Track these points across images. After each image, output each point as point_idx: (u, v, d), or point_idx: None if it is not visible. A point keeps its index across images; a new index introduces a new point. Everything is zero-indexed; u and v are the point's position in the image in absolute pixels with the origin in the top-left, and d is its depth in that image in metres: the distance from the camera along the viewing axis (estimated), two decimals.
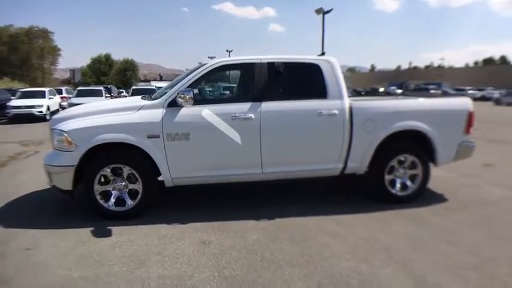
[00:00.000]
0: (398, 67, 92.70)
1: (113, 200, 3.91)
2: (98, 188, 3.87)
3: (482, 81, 43.56)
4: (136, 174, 3.87)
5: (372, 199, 4.45)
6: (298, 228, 3.70)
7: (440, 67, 73.61)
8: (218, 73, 4.14)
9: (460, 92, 31.55)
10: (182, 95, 3.76)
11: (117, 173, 3.90)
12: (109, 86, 21.95)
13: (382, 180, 4.32)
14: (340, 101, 4.16)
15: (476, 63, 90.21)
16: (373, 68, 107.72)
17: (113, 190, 3.92)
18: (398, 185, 4.39)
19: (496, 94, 31.80)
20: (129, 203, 3.91)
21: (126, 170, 3.87)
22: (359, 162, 4.26)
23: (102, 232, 3.61)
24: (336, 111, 4.10)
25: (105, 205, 3.89)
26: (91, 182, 3.83)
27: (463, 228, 3.68)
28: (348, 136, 4.16)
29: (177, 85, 4.00)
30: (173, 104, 3.91)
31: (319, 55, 4.47)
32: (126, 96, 18.50)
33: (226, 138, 3.93)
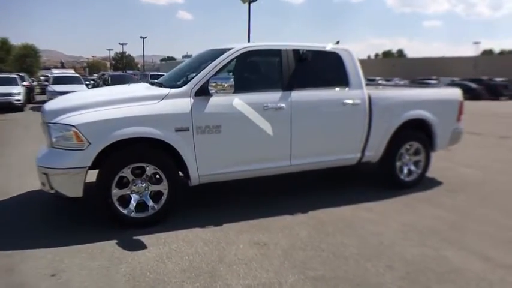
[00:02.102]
0: None
1: (133, 204, 3.34)
2: (116, 193, 3.26)
3: (388, 72, 49.03)
4: (162, 174, 3.35)
5: (376, 184, 4.67)
6: (338, 219, 3.66)
7: None
8: (246, 59, 3.79)
9: (372, 82, 34.92)
10: (217, 83, 3.36)
11: (135, 173, 3.33)
12: (21, 74, 18.74)
13: (393, 167, 4.53)
14: (361, 90, 4.21)
15: (377, 55, 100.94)
16: None
17: (132, 194, 3.35)
18: (405, 171, 4.67)
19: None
20: (152, 206, 3.38)
21: (150, 170, 3.33)
22: (375, 151, 4.39)
23: (132, 244, 3.06)
24: (358, 101, 4.14)
25: (125, 212, 3.30)
26: (108, 185, 3.20)
27: (474, 207, 4.08)
28: (367, 126, 4.25)
29: (203, 72, 3.55)
30: (201, 93, 3.48)
31: (335, 43, 4.40)
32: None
33: (258, 130, 3.66)
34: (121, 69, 61.38)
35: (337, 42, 4.42)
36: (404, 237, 3.27)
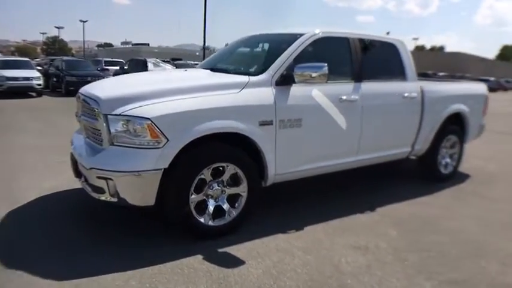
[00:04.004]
0: None
1: (211, 211, 2.84)
2: (194, 199, 2.74)
3: None
4: (242, 174, 2.90)
5: (411, 179, 4.69)
6: (410, 216, 3.54)
7: None
8: (319, 45, 3.41)
9: None
10: (303, 72, 2.97)
11: (213, 174, 2.83)
12: None
13: (435, 161, 4.56)
14: (416, 83, 4.12)
15: None
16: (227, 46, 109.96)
17: (208, 199, 2.85)
18: (443, 165, 4.73)
19: None
20: (230, 212, 2.92)
21: (230, 170, 2.85)
22: (422, 145, 4.36)
23: (224, 258, 2.60)
24: (415, 94, 4.04)
25: (202, 220, 2.80)
26: (186, 190, 2.66)
27: None
28: (419, 119, 4.19)
29: (280, 59, 3.12)
30: (282, 82, 3.07)
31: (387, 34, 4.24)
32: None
33: (334, 123, 3.36)
34: (53, 54, 55.68)
35: (388, 34, 4.26)
36: (491, 232, 3.26)
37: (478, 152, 6.61)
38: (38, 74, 13.40)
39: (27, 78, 12.78)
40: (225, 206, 2.90)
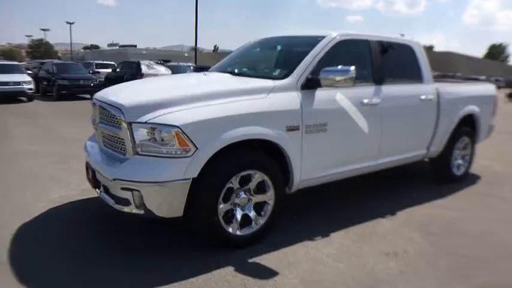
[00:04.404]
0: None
1: (238, 220, 2.74)
2: (222, 208, 2.64)
3: None
4: (269, 181, 2.81)
5: (421, 181, 4.68)
6: (431, 219, 3.51)
7: None
8: (340, 48, 3.34)
9: None
10: (330, 76, 2.90)
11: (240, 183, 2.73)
12: None
13: (449, 162, 4.55)
14: (432, 85, 4.11)
15: None
16: (216, 48, 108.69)
17: (236, 208, 2.75)
18: (456, 166, 4.73)
19: None
20: (257, 220, 2.82)
21: (257, 178, 2.76)
22: (437, 147, 4.34)
23: (256, 269, 2.51)
24: (431, 96, 4.02)
25: (230, 230, 2.70)
26: (215, 199, 2.56)
27: None
28: (435, 121, 4.17)
29: (304, 62, 3.05)
30: (307, 86, 3.00)
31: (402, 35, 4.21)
32: None
33: (357, 127, 3.31)
34: (39, 57, 54.65)
35: (402, 36, 4.24)
36: None
37: (481, 152, 6.68)
38: (29, 78, 13.03)
39: (18, 83, 12.40)
40: (252, 215, 2.81)
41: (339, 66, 2.94)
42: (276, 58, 3.53)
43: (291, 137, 2.85)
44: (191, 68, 18.82)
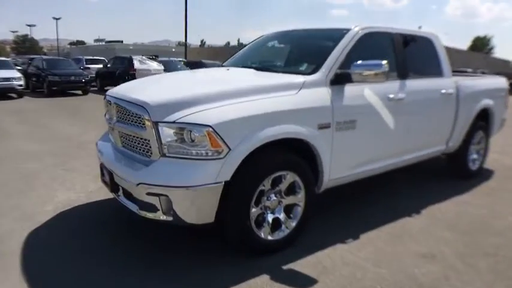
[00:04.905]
0: (227, 43, 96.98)
1: (269, 224, 2.59)
2: (254, 212, 2.48)
3: None
4: (300, 182, 2.67)
5: (434, 176, 4.61)
6: (456, 217, 3.43)
7: None
8: (365, 42, 3.19)
9: None
10: (361, 70, 2.76)
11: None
12: None
13: (466, 157, 4.48)
14: (451, 79, 4.01)
15: None
16: (203, 43, 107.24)
17: (266, 211, 2.60)
18: (471, 161, 4.66)
19: None
20: (288, 224, 2.68)
21: (288, 179, 2.61)
22: (455, 142, 4.26)
23: (294, 277, 2.37)
24: (452, 90, 3.93)
25: (261, 235, 2.55)
26: (247, 203, 2.40)
27: None
28: (455, 116, 4.08)
29: (331, 57, 2.89)
30: (336, 81, 2.85)
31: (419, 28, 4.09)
32: None
33: (384, 124, 3.19)
34: (24, 53, 53.22)
35: (420, 28, 4.12)
36: None
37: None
38: (18, 75, 12.56)
39: (8, 79, 11.93)
40: (282, 218, 2.67)
41: (370, 61, 2.79)
42: (298, 52, 3.37)
43: (322, 135, 2.70)
44: (181, 63, 18.49)
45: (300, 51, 3.37)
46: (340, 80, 2.85)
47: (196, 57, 36.62)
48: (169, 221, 2.31)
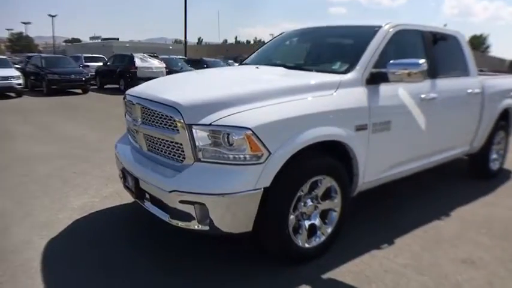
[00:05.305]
0: (225, 41, 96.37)
1: (306, 231, 2.47)
2: (292, 219, 2.35)
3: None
4: (337, 186, 2.55)
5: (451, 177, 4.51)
6: (487, 219, 3.33)
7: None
8: (396, 39, 3.07)
9: None
10: (398, 70, 2.64)
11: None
12: None
13: (488, 158, 4.40)
14: (477, 78, 3.91)
15: None
16: (200, 41, 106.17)
17: (303, 217, 2.47)
18: (492, 160, 4.58)
19: None
20: (324, 229, 2.56)
21: (325, 183, 2.49)
22: (479, 142, 4.17)
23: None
24: (478, 90, 3.83)
25: (300, 243, 2.42)
26: (286, 211, 2.28)
27: None
28: (479, 116, 3.99)
29: (366, 55, 2.77)
30: (372, 81, 2.74)
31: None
32: None
33: (416, 124, 3.08)
34: (19, 51, 52.57)
35: (445, 25, 4.01)
36: None
37: None
38: (17, 73, 12.29)
39: (7, 78, 11.66)
40: (318, 224, 2.55)
41: (407, 59, 2.68)
42: (328, 50, 3.23)
43: (359, 136, 2.59)
44: (182, 61, 18.29)
45: (331, 49, 3.24)
46: (375, 79, 2.73)
47: (195, 55, 36.28)
48: (204, 231, 2.18)
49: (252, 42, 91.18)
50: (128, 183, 2.71)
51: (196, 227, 2.18)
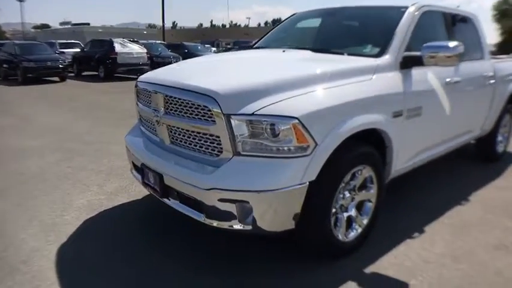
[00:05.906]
0: (200, 25, 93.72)
1: (344, 224, 2.36)
2: (333, 212, 2.23)
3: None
4: (374, 176, 2.44)
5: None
6: (508, 204, 3.33)
7: (246, 26, 79.12)
8: (421, 22, 2.94)
9: None
10: (434, 53, 2.52)
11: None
12: None
13: (495, 141, 4.44)
14: (490, 61, 3.88)
15: (266, 23, 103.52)
16: (174, 25, 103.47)
17: (341, 210, 2.36)
18: (498, 143, 4.63)
19: None
20: (360, 221, 2.46)
21: (363, 173, 2.38)
22: (489, 125, 4.18)
23: (384, 284, 2.17)
24: (492, 73, 3.80)
25: (340, 237, 2.31)
26: (328, 203, 2.15)
27: None
28: (491, 99, 3.98)
29: (397, 38, 2.64)
30: (405, 65, 2.62)
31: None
32: None
33: (444, 109, 3.01)
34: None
35: (458, 7, 3.94)
36: None
37: None
38: None
39: None
40: (354, 215, 2.45)
41: (441, 42, 2.57)
42: (355, 32, 3.07)
43: (395, 123, 2.48)
44: (162, 45, 17.67)
45: (357, 31, 3.08)
46: (408, 63, 2.62)
47: (171, 40, 35.17)
48: (247, 231, 2.02)
49: (227, 26, 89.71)
50: (148, 180, 2.49)
51: (236, 226, 2.02)
